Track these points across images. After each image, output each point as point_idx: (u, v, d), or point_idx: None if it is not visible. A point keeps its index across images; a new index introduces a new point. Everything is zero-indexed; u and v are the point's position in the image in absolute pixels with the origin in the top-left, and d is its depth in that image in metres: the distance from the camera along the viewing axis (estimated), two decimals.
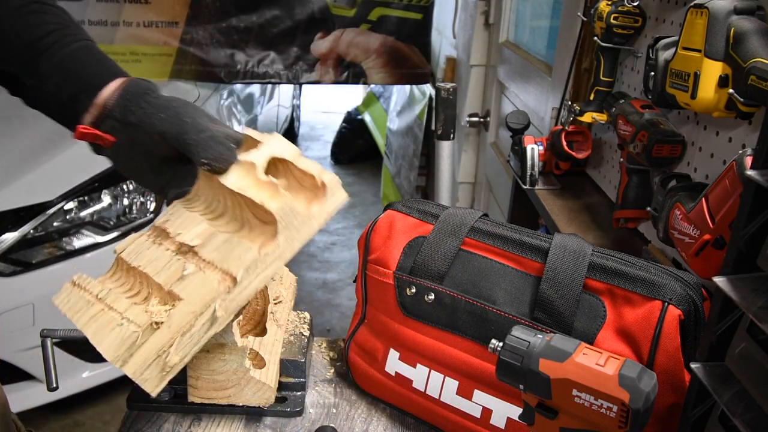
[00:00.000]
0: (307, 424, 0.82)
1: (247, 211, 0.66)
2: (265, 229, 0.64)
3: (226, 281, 0.62)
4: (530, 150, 1.46)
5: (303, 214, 0.65)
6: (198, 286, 0.62)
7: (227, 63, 2.86)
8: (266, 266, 0.64)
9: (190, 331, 0.61)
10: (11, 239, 1.95)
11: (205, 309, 0.62)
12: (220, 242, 0.64)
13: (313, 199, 0.67)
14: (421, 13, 2.96)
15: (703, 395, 0.56)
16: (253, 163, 0.65)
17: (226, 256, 0.63)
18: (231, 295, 0.63)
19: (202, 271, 0.63)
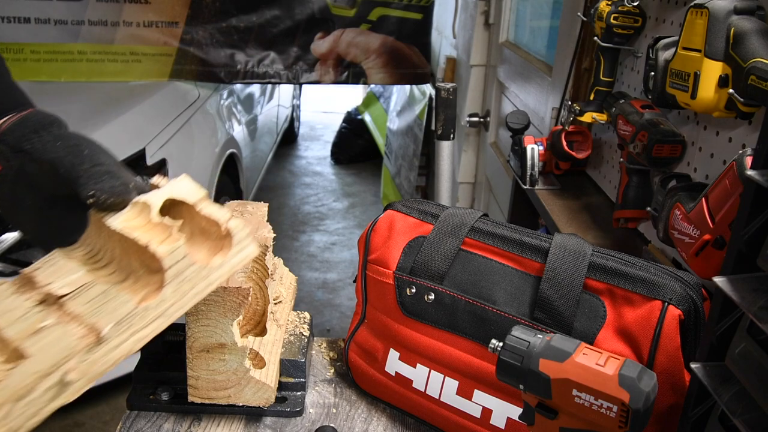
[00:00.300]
0: (307, 424, 0.82)
1: (135, 260, 0.57)
2: (152, 279, 0.55)
3: (90, 338, 0.52)
4: (530, 150, 1.46)
5: (200, 264, 0.57)
6: (52, 342, 0.52)
7: (227, 63, 2.86)
8: (145, 323, 0.55)
9: (27, 398, 0.51)
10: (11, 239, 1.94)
11: (54, 370, 0.51)
12: (93, 294, 0.55)
13: (217, 250, 0.58)
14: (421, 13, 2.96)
15: (703, 395, 0.56)
16: (147, 203, 0.57)
17: (97, 310, 0.54)
18: (92, 356, 0.52)
19: (63, 325, 0.52)
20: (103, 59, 2.77)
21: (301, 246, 3.73)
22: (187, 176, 0.62)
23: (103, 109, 2.42)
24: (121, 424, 0.81)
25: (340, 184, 4.80)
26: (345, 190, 4.66)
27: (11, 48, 2.70)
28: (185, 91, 2.74)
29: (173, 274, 0.55)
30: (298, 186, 4.68)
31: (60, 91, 2.65)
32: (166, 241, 0.55)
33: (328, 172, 5.03)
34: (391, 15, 2.93)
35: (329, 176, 4.95)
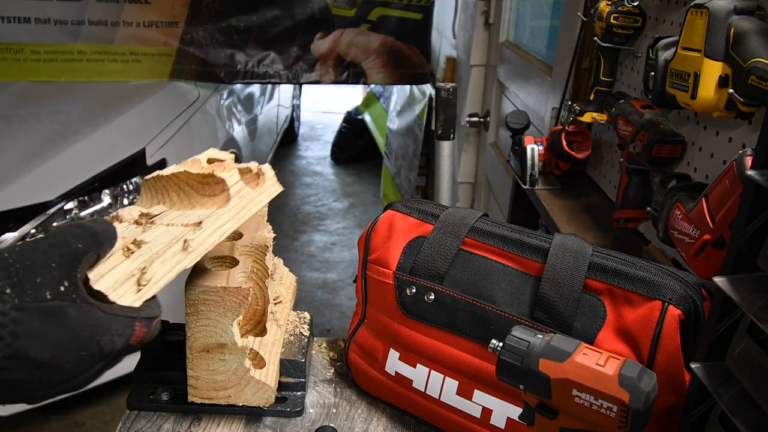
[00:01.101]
0: (307, 424, 0.82)
1: (196, 196, 0.69)
2: (217, 200, 0.69)
3: (191, 226, 0.65)
4: (530, 150, 1.46)
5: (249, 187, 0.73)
6: (164, 232, 0.63)
7: (227, 63, 2.86)
8: (223, 222, 0.67)
9: (162, 256, 0.60)
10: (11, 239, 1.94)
11: (175, 242, 0.62)
12: (176, 213, 0.67)
13: (256, 184, 0.76)
14: (421, 13, 2.96)
15: (703, 395, 0.56)
16: (196, 159, 0.73)
17: (184, 216, 0.67)
18: (198, 235, 0.64)
19: (164, 225, 0.65)
20: (103, 59, 2.77)
21: (301, 246, 3.73)
22: (214, 148, 0.77)
23: (103, 109, 2.43)
24: (121, 424, 0.81)
25: (340, 184, 4.80)
26: (345, 190, 4.66)
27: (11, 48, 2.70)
28: (185, 91, 2.74)
29: (235, 192, 0.69)
30: (298, 186, 4.68)
31: (60, 91, 2.65)
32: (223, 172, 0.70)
33: (328, 172, 5.03)
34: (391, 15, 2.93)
35: (329, 176, 4.95)
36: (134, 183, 2.18)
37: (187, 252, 0.62)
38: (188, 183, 0.70)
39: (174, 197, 0.70)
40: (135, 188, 2.18)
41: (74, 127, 2.28)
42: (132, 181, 2.18)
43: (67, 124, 2.31)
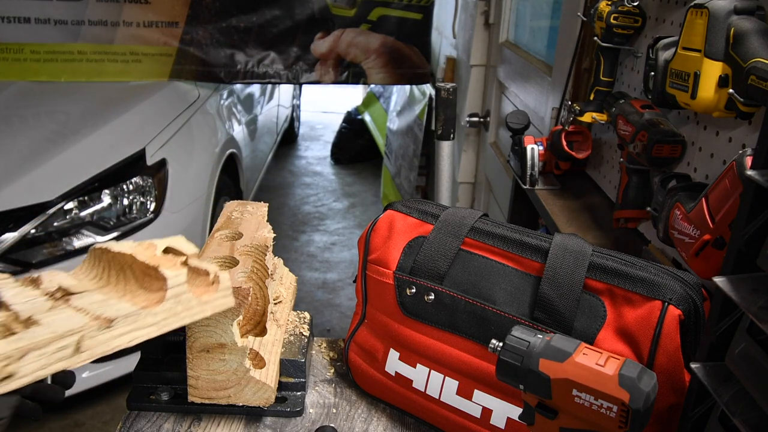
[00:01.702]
0: (307, 424, 0.82)
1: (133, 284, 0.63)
2: (151, 297, 0.62)
3: (100, 321, 0.58)
4: (530, 150, 1.46)
5: (192, 294, 0.65)
6: (66, 318, 0.57)
7: (227, 63, 2.86)
8: (143, 326, 0.61)
9: (42, 350, 0.54)
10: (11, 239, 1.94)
11: (68, 335, 0.56)
12: (98, 298, 0.61)
13: (204, 292, 0.66)
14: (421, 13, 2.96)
15: (703, 395, 0.56)
16: (152, 243, 0.66)
17: (102, 307, 0.60)
18: (102, 335, 0.58)
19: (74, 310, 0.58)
20: (103, 59, 2.77)
21: (301, 246, 3.73)
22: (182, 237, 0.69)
23: (103, 109, 2.43)
24: (121, 424, 0.81)
25: (340, 184, 4.80)
26: (345, 190, 4.66)
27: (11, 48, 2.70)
28: (185, 91, 2.74)
29: (172, 294, 0.62)
30: (298, 186, 4.68)
31: (60, 91, 2.65)
32: (170, 268, 0.63)
33: (328, 172, 5.03)
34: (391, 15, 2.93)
35: (329, 176, 4.95)
36: (134, 183, 2.18)
37: (77, 353, 0.56)
38: (131, 268, 0.64)
39: (112, 276, 0.64)
40: (135, 188, 2.18)
41: (74, 127, 2.28)
42: (132, 181, 2.18)
43: (67, 124, 2.31)
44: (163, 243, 0.67)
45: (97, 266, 0.65)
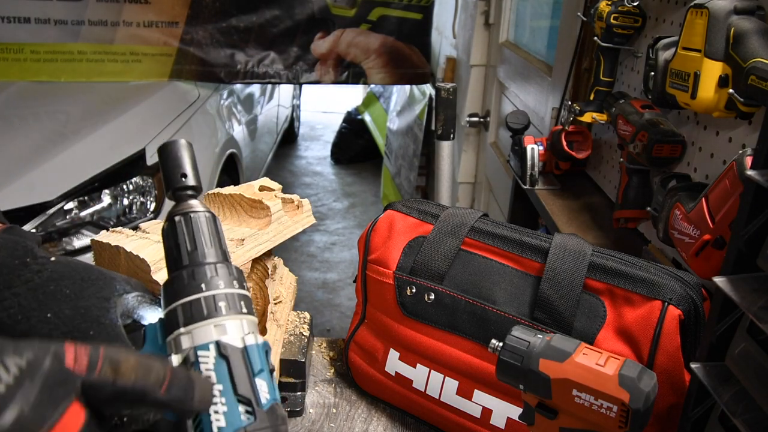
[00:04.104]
0: (307, 424, 0.82)
1: (244, 216, 0.83)
2: (261, 221, 0.82)
3: (235, 242, 0.77)
4: (530, 150, 1.46)
5: (288, 215, 0.86)
6: None
7: (227, 63, 2.86)
8: (262, 241, 0.80)
9: None
10: None
11: None
12: (226, 227, 0.79)
13: (295, 214, 0.88)
14: (421, 13, 2.96)
15: (703, 395, 0.56)
16: (250, 184, 0.88)
17: (233, 233, 0.80)
18: (238, 251, 0.77)
19: None
20: (103, 59, 2.77)
21: (301, 246, 3.73)
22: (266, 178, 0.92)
23: (103, 109, 2.43)
24: None
25: (340, 184, 4.80)
26: (345, 190, 4.66)
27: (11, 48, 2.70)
28: (185, 91, 2.74)
29: (275, 218, 0.83)
30: (298, 186, 4.68)
31: (60, 91, 2.65)
32: (269, 200, 0.84)
33: (328, 172, 5.03)
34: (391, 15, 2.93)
35: (329, 176, 4.95)
36: (134, 183, 2.18)
37: None
38: (240, 204, 0.84)
39: (227, 212, 0.85)
40: (135, 188, 2.18)
41: (74, 127, 2.28)
42: (132, 181, 2.18)
43: (67, 124, 2.30)
44: (257, 183, 0.89)
45: (212, 207, 0.84)
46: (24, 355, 0.33)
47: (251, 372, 0.41)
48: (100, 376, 0.35)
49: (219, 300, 0.43)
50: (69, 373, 0.34)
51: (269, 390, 0.42)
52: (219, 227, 0.47)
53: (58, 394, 0.33)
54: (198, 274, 0.44)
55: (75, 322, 0.47)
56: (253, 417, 0.40)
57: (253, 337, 0.43)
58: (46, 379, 0.33)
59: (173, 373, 0.37)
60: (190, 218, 0.46)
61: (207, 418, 0.39)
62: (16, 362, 0.32)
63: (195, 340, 0.42)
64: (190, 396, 0.37)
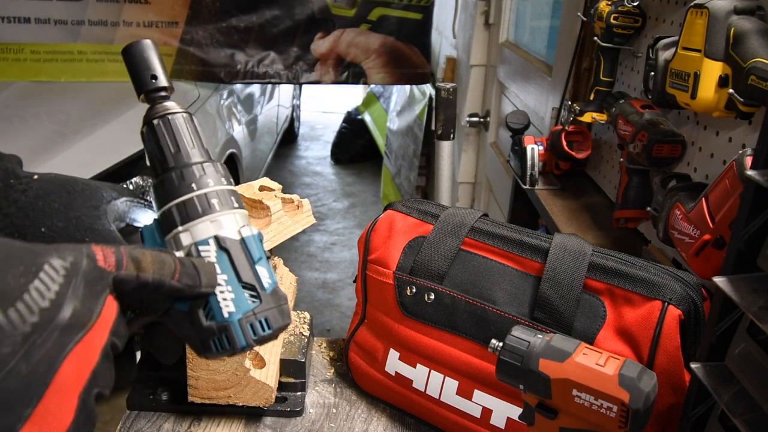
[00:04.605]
0: (307, 424, 0.82)
1: None
2: (261, 221, 0.82)
3: None
4: (530, 150, 1.46)
5: (287, 216, 0.85)
6: None
7: (227, 63, 2.86)
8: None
9: None
10: None
11: None
12: None
13: (295, 214, 0.88)
14: (421, 13, 2.96)
15: (703, 395, 0.56)
16: (250, 184, 0.88)
17: None
18: None
19: None
20: (103, 59, 2.77)
21: (301, 246, 3.73)
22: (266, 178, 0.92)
23: (103, 109, 2.43)
24: (121, 424, 0.81)
25: (340, 184, 4.80)
26: (345, 190, 4.66)
27: (11, 48, 2.70)
28: (185, 91, 2.74)
29: (275, 218, 0.83)
30: (298, 186, 4.68)
31: (60, 91, 2.65)
32: (270, 200, 0.84)
33: (328, 172, 5.03)
34: (391, 15, 2.93)
35: (329, 176, 4.95)
36: (134, 183, 2.18)
37: None
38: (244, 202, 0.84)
39: None
40: (135, 188, 2.18)
41: (74, 127, 2.28)
42: (132, 181, 2.18)
43: (67, 124, 2.30)
44: (257, 183, 0.89)
45: None
46: (66, 257, 0.36)
47: (252, 261, 0.45)
48: (126, 272, 0.39)
49: (211, 197, 0.45)
50: (102, 271, 0.38)
51: (269, 275, 0.45)
52: (197, 127, 0.49)
53: (97, 289, 0.37)
54: (187, 174, 0.46)
55: (69, 232, 0.48)
56: (258, 300, 0.44)
57: (248, 228, 0.46)
58: (87, 276, 0.36)
59: (182, 263, 0.41)
60: (168, 120, 0.48)
61: (217, 306, 0.43)
62: (61, 264, 0.35)
63: (194, 237, 0.44)
64: (197, 281, 0.42)
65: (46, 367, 0.34)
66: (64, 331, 0.35)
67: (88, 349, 0.36)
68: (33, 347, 0.34)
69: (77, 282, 0.36)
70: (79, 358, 0.36)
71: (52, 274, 0.35)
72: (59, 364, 0.35)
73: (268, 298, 0.44)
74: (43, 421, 0.34)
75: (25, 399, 0.33)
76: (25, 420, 0.34)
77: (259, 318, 0.43)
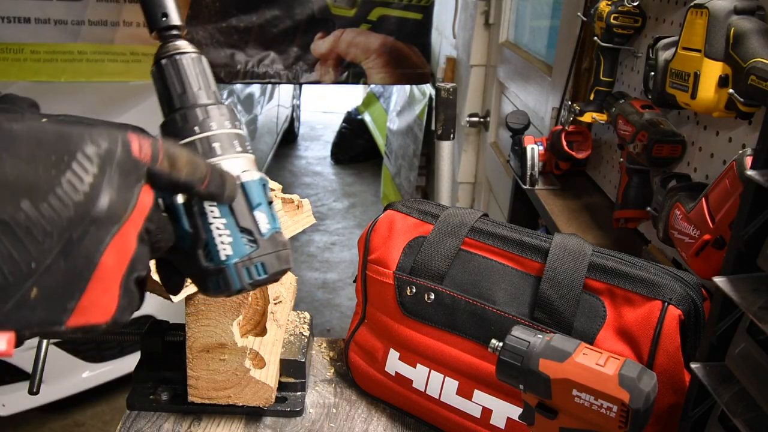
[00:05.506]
0: (307, 424, 0.82)
1: None
2: None
3: None
4: (530, 150, 1.46)
5: (287, 216, 0.84)
6: None
7: (227, 63, 2.86)
8: None
9: None
10: None
11: None
12: None
13: (295, 214, 0.86)
14: (421, 13, 2.96)
15: (703, 395, 0.56)
16: None
17: None
18: None
19: None
20: (103, 59, 2.77)
21: (301, 246, 3.73)
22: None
23: (103, 109, 2.43)
24: (121, 424, 0.81)
25: (340, 184, 4.80)
26: (345, 190, 4.66)
27: (11, 48, 2.70)
28: None
29: None
30: (298, 186, 4.68)
31: (60, 91, 2.65)
32: None
33: (328, 172, 5.03)
34: (391, 15, 2.93)
35: (329, 176, 4.95)
36: None
37: None
38: None
39: None
40: None
41: None
42: None
43: None
44: None
45: None
46: (101, 144, 0.35)
47: (250, 206, 0.45)
48: (160, 166, 0.38)
49: (213, 141, 0.46)
50: (137, 161, 0.37)
51: (269, 221, 0.46)
52: (206, 67, 0.49)
53: (132, 180, 0.36)
54: (190, 116, 0.46)
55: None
56: (255, 245, 0.45)
57: (249, 174, 0.46)
58: (122, 166, 0.35)
59: (212, 172, 0.42)
60: (176, 60, 0.47)
61: (215, 248, 0.44)
62: (95, 151, 0.34)
63: None
64: (222, 191, 0.43)
65: (85, 261, 0.34)
66: (101, 224, 0.34)
67: (126, 239, 0.36)
68: (70, 242, 0.33)
69: (111, 172, 0.35)
70: (117, 249, 0.36)
71: (86, 164, 0.34)
72: (99, 257, 0.35)
73: (265, 244, 0.45)
74: (89, 312, 0.35)
75: (68, 293, 0.34)
76: (71, 312, 0.34)
77: (255, 263, 0.44)
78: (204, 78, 0.48)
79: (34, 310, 0.33)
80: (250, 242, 0.45)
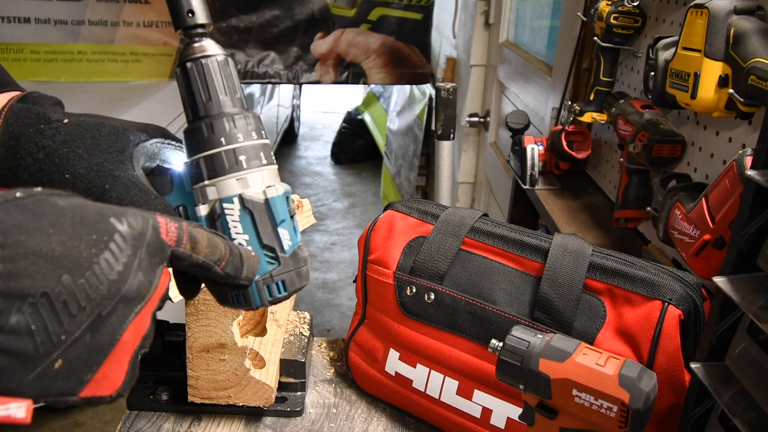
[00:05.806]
0: (307, 424, 0.82)
1: None
2: None
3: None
4: (530, 150, 1.46)
5: None
6: None
7: None
8: None
9: None
10: None
11: None
12: None
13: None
14: (421, 13, 2.96)
15: (703, 395, 0.56)
16: None
17: None
18: None
19: None
20: (103, 59, 2.77)
21: None
22: None
23: (103, 109, 2.42)
24: (121, 424, 0.81)
25: (340, 184, 4.80)
26: (345, 190, 4.66)
27: (11, 48, 2.70)
28: None
29: None
30: (298, 186, 4.68)
31: (60, 91, 2.64)
32: None
33: (328, 172, 5.03)
34: (391, 15, 2.93)
35: (329, 176, 4.95)
36: None
37: None
38: None
39: None
40: None
41: None
42: None
43: None
44: None
45: None
46: (135, 226, 0.37)
47: (274, 223, 0.45)
48: (183, 248, 0.40)
49: (239, 154, 0.45)
50: (164, 244, 0.39)
51: (291, 237, 0.46)
52: (233, 71, 0.47)
53: (156, 261, 0.38)
54: (217, 127, 0.45)
55: (90, 178, 0.48)
56: (277, 263, 0.45)
57: (274, 189, 0.45)
58: (150, 248, 0.38)
59: (231, 252, 0.43)
60: (201, 64, 0.46)
61: None
62: (130, 233, 0.37)
63: (220, 193, 0.45)
64: (239, 273, 0.43)
65: (109, 338, 0.36)
66: (128, 302, 0.36)
67: (144, 317, 0.38)
68: (98, 318, 0.35)
69: (142, 253, 0.37)
70: (136, 327, 0.37)
71: (121, 245, 0.36)
72: (121, 334, 0.36)
73: (287, 261, 0.45)
74: (100, 384, 0.36)
75: (87, 366, 0.35)
76: (86, 384, 0.35)
77: (276, 280, 0.44)
78: (230, 83, 0.46)
79: (54, 381, 0.34)
80: (273, 259, 0.44)
